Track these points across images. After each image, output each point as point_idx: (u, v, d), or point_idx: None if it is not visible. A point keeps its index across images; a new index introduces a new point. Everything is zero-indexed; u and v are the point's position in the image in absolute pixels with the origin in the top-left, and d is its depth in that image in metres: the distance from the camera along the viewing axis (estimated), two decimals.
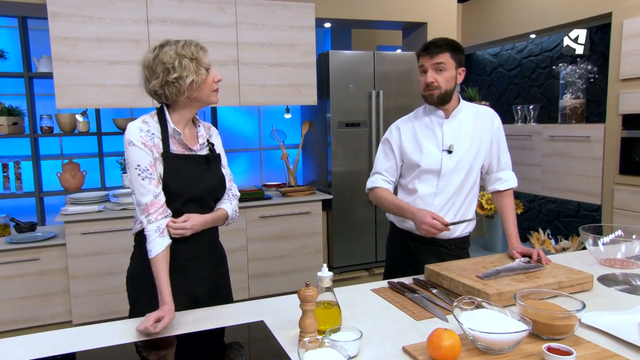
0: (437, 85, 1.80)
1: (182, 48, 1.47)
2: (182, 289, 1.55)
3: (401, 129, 1.96)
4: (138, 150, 1.47)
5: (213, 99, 1.56)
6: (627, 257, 1.85)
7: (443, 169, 1.87)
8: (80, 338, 1.35)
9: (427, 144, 1.90)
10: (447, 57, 1.80)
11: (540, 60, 4.98)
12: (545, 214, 5.13)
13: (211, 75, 1.52)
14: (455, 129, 1.88)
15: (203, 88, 1.50)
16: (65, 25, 2.93)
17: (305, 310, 1.26)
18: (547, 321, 1.21)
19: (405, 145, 1.94)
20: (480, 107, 1.96)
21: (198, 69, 1.47)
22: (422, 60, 1.83)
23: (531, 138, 4.34)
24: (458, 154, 1.87)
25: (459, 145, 1.87)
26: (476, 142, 1.89)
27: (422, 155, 1.89)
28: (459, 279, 1.59)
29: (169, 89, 1.47)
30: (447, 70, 1.80)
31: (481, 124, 1.90)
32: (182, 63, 1.45)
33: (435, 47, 1.80)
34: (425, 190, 1.90)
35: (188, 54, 1.47)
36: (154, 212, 1.47)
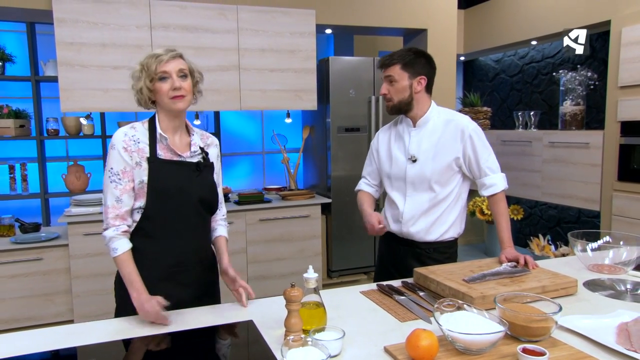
0: (390, 97, 1.92)
1: (145, 57, 1.54)
2: (165, 293, 1.55)
3: (380, 136, 2.09)
4: (116, 154, 1.52)
5: (173, 106, 1.54)
6: (614, 263, 1.88)
7: (407, 177, 1.95)
8: (64, 336, 1.40)
9: (396, 151, 2.00)
10: (396, 70, 1.89)
11: (542, 66, 5.00)
12: (547, 220, 5.14)
13: (168, 84, 1.53)
14: (420, 138, 1.94)
15: (158, 96, 1.54)
16: (71, 30, 3.01)
17: (290, 310, 1.30)
18: (524, 323, 1.24)
19: (380, 151, 2.07)
20: (454, 116, 1.95)
21: (146, 78, 1.52)
22: (381, 74, 1.97)
23: (531, 144, 4.36)
24: (421, 163, 1.93)
25: (422, 154, 1.92)
26: (442, 151, 1.90)
27: (391, 163, 2.00)
28: (445, 282, 1.63)
29: (136, 96, 1.58)
30: (399, 82, 1.89)
31: (451, 134, 1.91)
32: (136, 73, 1.54)
33: (385, 61, 1.92)
34: (397, 196, 2.01)
35: (143, 63, 1.53)
36: (112, 216, 1.52)
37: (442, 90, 4.10)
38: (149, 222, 1.56)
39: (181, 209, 1.58)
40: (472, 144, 1.92)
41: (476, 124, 1.98)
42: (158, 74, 1.51)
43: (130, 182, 1.53)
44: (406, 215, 1.96)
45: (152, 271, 1.56)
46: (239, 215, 3.40)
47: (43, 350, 1.30)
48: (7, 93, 3.81)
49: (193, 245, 1.64)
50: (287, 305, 1.30)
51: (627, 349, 1.19)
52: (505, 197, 1.98)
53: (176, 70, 1.53)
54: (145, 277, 1.53)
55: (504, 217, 1.97)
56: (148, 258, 1.57)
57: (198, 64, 3.22)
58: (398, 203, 1.98)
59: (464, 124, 1.92)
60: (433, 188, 1.93)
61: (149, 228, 1.56)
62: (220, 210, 1.77)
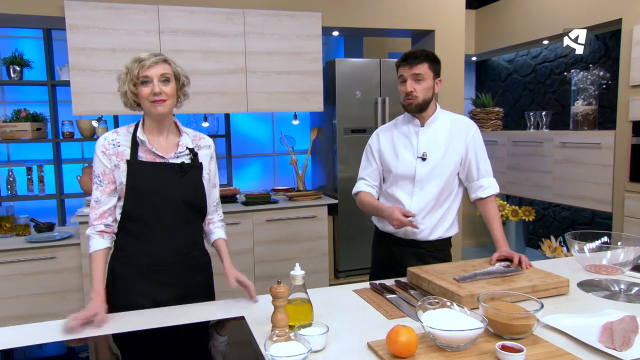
0: (416, 94, 1.89)
1: (130, 61, 1.59)
2: (144, 292, 1.62)
3: (380, 136, 2.07)
4: (96, 158, 1.62)
5: (153, 110, 1.58)
6: (612, 264, 1.86)
7: (417, 175, 1.96)
8: (52, 332, 1.46)
9: (403, 151, 1.99)
10: (425, 68, 1.88)
11: (555, 66, 4.95)
12: (560, 222, 5.07)
13: (147, 88, 1.56)
14: (429, 137, 1.97)
15: (140, 100, 1.59)
16: (82, 36, 3.11)
17: (277, 306, 1.34)
18: (506, 321, 1.25)
19: (383, 151, 2.04)
20: (457, 117, 2.03)
21: (129, 82, 1.57)
22: (401, 70, 1.92)
23: (542, 145, 4.31)
24: (431, 162, 1.95)
25: (433, 152, 1.95)
26: (450, 150, 1.96)
27: (398, 162, 1.98)
28: (436, 281, 1.64)
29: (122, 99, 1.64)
30: (425, 81, 1.89)
31: (457, 133, 1.98)
32: (122, 76, 1.60)
33: (414, 57, 1.88)
34: (402, 196, 1.99)
35: (128, 67, 1.58)
36: (93, 215, 1.62)
37: (450, 91, 4.10)
38: (129, 222, 1.62)
39: (160, 209, 1.61)
40: (475, 144, 1.99)
41: (476, 126, 2.04)
42: (140, 78, 1.55)
43: (110, 183, 1.61)
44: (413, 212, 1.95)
45: (131, 269, 1.63)
46: (246, 216, 3.46)
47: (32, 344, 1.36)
48: (25, 97, 3.95)
49: (173, 246, 1.64)
50: (273, 301, 1.34)
51: (607, 346, 1.19)
52: (496, 201, 2.04)
53: (158, 75, 1.56)
54: (126, 274, 1.62)
55: (497, 218, 2.01)
56: (128, 256, 1.63)
57: (205, 67, 3.36)
58: (404, 202, 1.97)
59: (469, 124, 2.01)
60: (440, 186, 1.97)
61: (129, 227, 1.62)
62: (217, 211, 1.81)
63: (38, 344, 1.36)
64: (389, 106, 3.83)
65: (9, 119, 3.71)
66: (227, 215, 3.41)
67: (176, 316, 1.53)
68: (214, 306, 1.63)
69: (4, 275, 3.00)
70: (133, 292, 1.59)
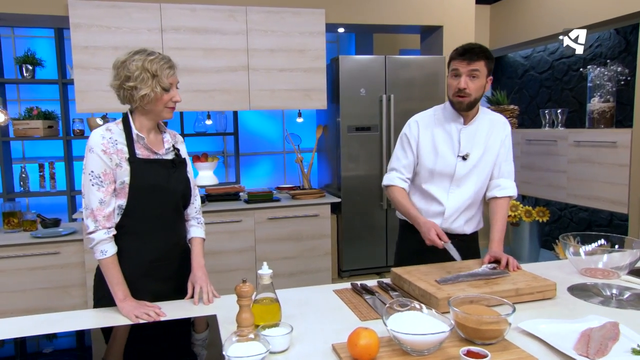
0: (469, 92, 1.80)
1: (150, 62, 1.53)
2: (146, 288, 1.62)
3: (420, 126, 1.96)
4: (95, 157, 1.53)
5: (165, 115, 1.61)
6: (610, 268, 1.77)
7: (456, 174, 1.92)
8: (41, 324, 1.47)
9: (444, 147, 1.92)
10: (482, 65, 1.79)
11: (572, 62, 4.78)
12: (577, 223, 4.91)
13: (169, 95, 1.57)
14: (471, 136, 1.92)
15: (156, 104, 1.56)
16: (86, 35, 3.15)
17: (241, 305, 1.32)
18: (475, 326, 1.20)
19: (422, 144, 1.95)
20: (494, 115, 1.98)
21: (155, 86, 1.53)
22: (456, 64, 1.80)
23: (556, 143, 4.17)
24: (472, 161, 1.91)
25: (474, 152, 1.91)
26: (489, 149, 1.93)
27: (437, 159, 1.92)
28: (416, 283, 1.60)
29: (123, 93, 1.56)
30: (480, 78, 1.80)
31: (495, 132, 1.94)
32: (142, 76, 1.52)
33: (473, 53, 1.77)
34: (438, 192, 1.95)
35: (151, 70, 1.53)
36: (101, 218, 1.54)
37: None
38: (130, 220, 1.59)
39: (161, 205, 1.63)
40: (506, 143, 1.97)
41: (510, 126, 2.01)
42: (166, 84, 1.55)
43: (111, 183, 1.56)
44: (449, 211, 1.94)
45: (132, 268, 1.61)
46: (248, 214, 3.45)
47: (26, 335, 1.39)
48: (37, 95, 4.03)
49: (172, 240, 1.69)
50: (238, 300, 1.32)
51: (580, 354, 1.13)
52: (509, 205, 1.99)
53: (177, 82, 1.61)
54: (126, 274, 1.58)
55: (502, 221, 1.93)
56: (129, 256, 1.61)
57: (207, 65, 3.38)
58: (440, 199, 1.94)
59: (504, 122, 1.99)
60: (478, 184, 1.94)
61: (130, 225, 1.60)
62: (194, 203, 1.81)
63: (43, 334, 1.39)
64: (394, 104, 3.76)
65: (21, 117, 3.80)
66: (229, 213, 3.42)
67: None
68: (187, 304, 1.62)
69: (10, 269, 3.07)
70: (135, 291, 1.58)
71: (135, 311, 1.49)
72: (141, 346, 1.38)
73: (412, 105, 3.79)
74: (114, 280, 1.55)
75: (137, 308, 1.51)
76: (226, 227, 3.41)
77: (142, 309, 1.50)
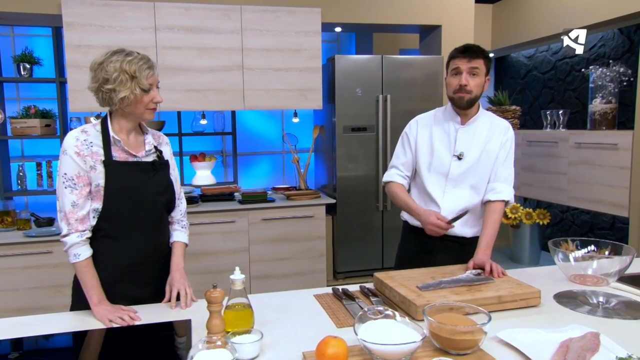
0: (470, 89, 1.84)
1: (128, 63, 1.50)
2: (124, 293, 1.60)
3: (419, 125, 2.02)
4: (69, 160, 1.51)
5: (146, 116, 1.59)
6: (601, 274, 1.72)
7: (450, 173, 1.93)
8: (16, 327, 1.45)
9: (440, 146, 1.95)
10: (481, 63, 1.84)
11: (575, 62, 4.71)
12: (579, 226, 4.84)
13: (149, 96, 1.54)
14: (468, 136, 1.93)
15: (137, 105, 1.54)
16: (79, 34, 3.14)
17: (212, 311, 1.29)
18: (448, 335, 1.16)
19: (419, 142, 1.99)
20: (497, 119, 1.99)
21: (134, 88, 1.50)
22: (457, 62, 1.85)
23: (557, 145, 4.11)
24: (467, 162, 1.91)
25: (469, 152, 1.92)
26: (486, 152, 1.92)
27: (433, 157, 1.95)
28: (397, 289, 1.56)
29: (102, 96, 1.52)
30: (479, 76, 1.85)
31: (494, 136, 1.94)
32: (120, 78, 1.48)
33: (473, 51, 1.83)
34: (435, 191, 1.96)
35: (130, 71, 1.49)
36: (73, 221, 1.51)
37: None
38: (106, 224, 1.56)
39: (139, 209, 1.59)
40: (507, 148, 1.95)
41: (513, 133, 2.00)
42: (145, 85, 1.52)
43: (86, 186, 1.53)
44: (444, 210, 1.94)
45: (109, 272, 1.58)
46: (242, 214, 3.43)
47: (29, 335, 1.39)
48: (36, 94, 4.03)
49: (151, 244, 1.66)
50: (208, 306, 1.29)
51: None
52: (503, 211, 1.94)
53: (157, 82, 1.58)
54: (102, 278, 1.56)
55: (493, 227, 1.90)
56: (105, 259, 1.58)
57: (201, 64, 3.36)
58: (436, 198, 1.95)
59: (507, 127, 1.98)
60: (473, 186, 1.94)
61: (107, 229, 1.57)
62: (179, 206, 1.78)
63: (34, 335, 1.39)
64: (390, 104, 3.72)
65: (19, 116, 3.80)
66: (223, 214, 3.40)
67: None
68: (164, 308, 1.59)
69: (2, 268, 3.06)
70: (111, 295, 1.56)
71: (109, 315, 1.47)
72: (116, 350, 1.36)
73: (409, 105, 3.74)
74: (89, 283, 1.53)
75: (112, 312, 1.48)
76: (220, 228, 3.39)
77: (116, 313, 1.48)
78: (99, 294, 1.53)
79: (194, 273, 3.34)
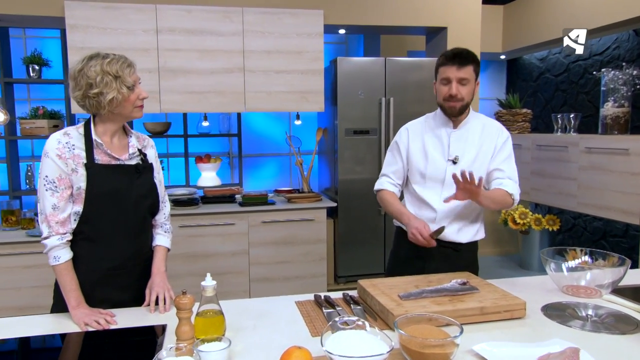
0: (461, 97, 1.81)
1: (108, 64, 1.50)
2: (102, 297, 1.59)
3: (410, 133, 1.99)
4: (50, 162, 1.51)
5: (136, 114, 1.59)
6: (595, 286, 1.66)
7: (447, 178, 1.89)
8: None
9: (434, 152, 1.92)
10: (471, 70, 1.81)
11: (589, 64, 4.59)
12: (591, 233, 4.71)
13: (135, 93, 1.55)
14: (461, 139, 1.91)
15: (125, 105, 1.54)
16: (82, 36, 3.17)
17: (180, 318, 1.28)
18: (418, 349, 1.13)
19: (412, 150, 1.96)
20: (489, 121, 1.96)
21: (120, 87, 1.50)
22: (446, 72, 1.81)
23: (567, 149, 4.01)
24: (462, 165, 1.88)
25: (464, 156, 1.89)
26: (481, 154, 1.90)
27: (427, 163, 1.92)
28: (377, 297, 1.52)
29: (89, 102, 1.51)
30: (470, 83, 1.82)
31: (488, 137, 1.92)
32: (104, 80, 1.48)
33: (463, 58, 1.78)
34: (430, 197, 1.93)
35: (112, 72, 1.49)
36: (54, 224, 1.51)
37: None
38: (87, 226, 1.56)
39: (121, 212, 1.59)
40: (503, 149, 1.91)
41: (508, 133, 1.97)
42: (130, 83, 1.52)
43: (67, 189, 1.52)
44: (440, 215, 1.91)
45: (89, 275, 1.58)
46: (242, 217, 3.42)
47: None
48: (45, 95, 4.09)
49: (133, 248, 1.65)
50: (177, 313, 1.28)
51: None
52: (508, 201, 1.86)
53: (138, 79, 1.58)
54: (82, 281, 1.56)
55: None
56: (85, 262, 1.58)
57: (202, 66, 3.36)
58: (432, 203, 1.92)
59: (499, 128, 1.95)
60: None
61: (87, 232, 1.56)
62: (162, 210, 1.77)
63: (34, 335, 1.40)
64: (393, 107, 3.67)
65: (28, 116, 3.86)
66: (223, 216, 3.39)
67: None
68: (143, 311, 1.58)
69: (4, 267, 3.11)
70: (91, 298, 1.56)
71: (85, 318, 1.47)
72: (88, 353, 1.36)
73: (412, 108, 3.69)
74: (67, 286, 1.53)
75: (88, 315, 1.48)
76: (219, 230, 3.39)
77: (93, 317, 1.47)
78: (78, 297, 1.53)
79: (192, 275, 3.34)
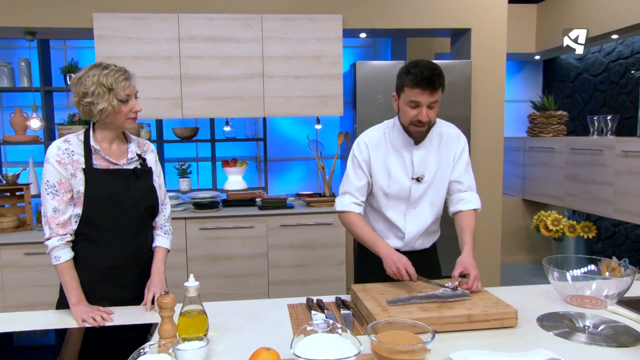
0: (430, 121, 1.72)
1: (105, 76, 1.56)
2: (102, 295, 1.67)
3: (370, 147, 1.84)
4: (50, 168, 1.59)
5: (127, 125, 1.64)
6: (601, 296, 1.57)
7: (412, 196, 1.85)
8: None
9: (397, 170, 1.83)
10: (440, 93, 1.69)
11: (631, 63, 4.36)
12: (633, 241, 4.46)
13: (128, 106, 1.60)
14: (423, 156, 1.83)
15: (116, 116, 1.59)
16: (109, 46, 3.32)
17: (163, 317, 1.32)
18: (387, 355, 1.11)
19: (374, 166, 1.84)
20: (445, 129, 1.86)
21: (112, 99, 1.56)
22: (417, 96, 1.65)
23: (602, 153, 3.82)
24: (426, 181, 1.84)
25: (427, 172, 1.84)
26: (442, 166, 1.85)
27: (390, 182, 1.83)
28: (365, 302, 1.51)
29: (83, 109, 1.60)
30: (438, 103, 1.71)
31: (446, 148, 1.86)
32: (97, 91, 1.55)
33: (433, 81, 1.63)
34: (395, 216, 1.88)
35: (107, 84, 1.55)
36: (54, 226, 1.59)
37: (491, 94, 3.74)
38: (87, 228, 1.64)
39: (118, 214, 1.66)
40: (462, 157, 1.87)
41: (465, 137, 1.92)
42: (122, 96, 1.58)
43: (67, 192, 1.61)
44: (409, 234, 1.88)
45: (90, 274, 1.66)
46: (261, 220, 3.46)
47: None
48: None
49: (132, 248, 1.72)
50: (159, 312, 1.31)
51: None
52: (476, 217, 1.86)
53: (135, 92, 1.64)
54: (83, 280, 1.64)
55: (471, 230, 1.81)
56: (86, 262, 1.66)
57: (223, 72, 3.44)
58: (397, 223, 1.87)
59: (457, 135, 1.88)
60: (434, 204, 1.89)
61: (87, 233, 1.65)
62: (162, 212, 1.83)
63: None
64: None
65: (65, 123, 4.07)
66: (242, 219, 3.45)
67: None
68: (140, 310, 1.64)
69: (40, 265, 3.26)
70: (91, 296, 1.64)
71: (83, 315, 1.54)
72: (86, 348, 1.43)
73: None
74: (68, 285, 1.61)
75: (86, 312, 1.55)
76: (239, 233, 3.44)
77: (90, 313, 1.54)
78: (78, 295, 1.60)
79: (212, 277, 3.41)
